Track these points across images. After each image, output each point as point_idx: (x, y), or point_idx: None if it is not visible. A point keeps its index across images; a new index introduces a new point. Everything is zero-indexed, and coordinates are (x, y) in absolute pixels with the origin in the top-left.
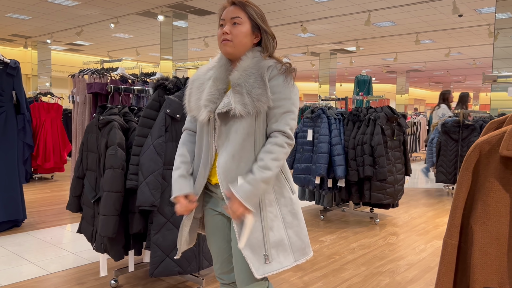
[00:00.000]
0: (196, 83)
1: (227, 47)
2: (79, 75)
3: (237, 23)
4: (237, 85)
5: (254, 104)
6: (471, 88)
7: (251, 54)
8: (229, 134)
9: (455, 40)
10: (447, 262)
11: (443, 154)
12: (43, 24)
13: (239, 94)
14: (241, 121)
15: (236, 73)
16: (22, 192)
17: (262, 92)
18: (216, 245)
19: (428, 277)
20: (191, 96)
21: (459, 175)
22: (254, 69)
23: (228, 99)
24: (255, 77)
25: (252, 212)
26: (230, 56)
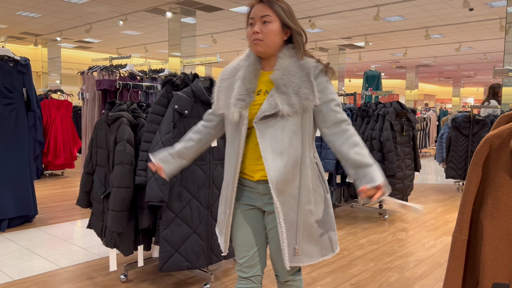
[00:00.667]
0: (226, 82)
1: (258, 47)
2: (88, 72)
3: (267, 22)
4: (282, 85)
5: (301, 103)
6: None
7: (287, 53)
8: (276, 132)
9: (466, 34)
10: (456, 258)
11: (453, 149)
12: (53, 22)
13: (285, 94)
14: (287, 119)
15: (277, 73)
16: (33, 188)
17: (310, 91)
18: (246, 239)
19: (437, 273)
20: (220, 94)
21: (468, 170)
22: (296, 68)
23: (274, 100)
24: (299, 76)
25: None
26: (261, 55)
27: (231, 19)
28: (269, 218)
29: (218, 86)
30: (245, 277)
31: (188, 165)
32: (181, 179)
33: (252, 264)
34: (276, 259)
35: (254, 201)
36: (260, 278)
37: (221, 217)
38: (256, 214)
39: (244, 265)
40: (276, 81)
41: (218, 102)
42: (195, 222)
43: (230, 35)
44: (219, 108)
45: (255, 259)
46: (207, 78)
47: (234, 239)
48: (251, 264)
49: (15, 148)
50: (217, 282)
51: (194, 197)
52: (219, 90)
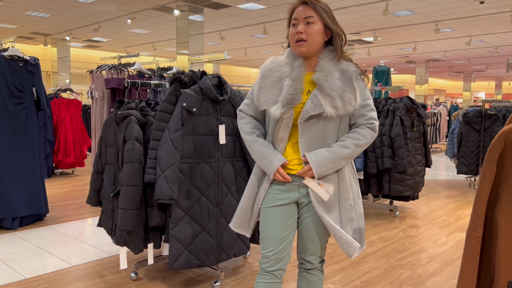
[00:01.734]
0: (268, 79)
1: (302, 48)
2: (97, 71)
3: (310, 23)
4: (327, 88)
5: (345, 107)
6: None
7: (328, 55)
8: (315, 134)
9: (477, 28)
10: (470, 255)
11: (465, 145)
12: (62, 22)
13: (329, 96)
14: (328, 121)
15: (321, 74)
16: (44, 186)
17: (352, 96)
18: (278, 232)
19: (450, 270)
20: (261, 91)
21: (483, 166)
22: (338, 71)
23: (318, 100)
24: (342, 80)
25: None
26: (304, 55)
27: (239, 16)
28: (306, 208)
29: (260, 83)
30: (270, 271)
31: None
32: (190, 177)
33: (280, 257)
34: (308, 245)
35: (291, 194)
36: (283, 273)
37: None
38: (291, 208)
39: (271, 257)
40: (320, 82)
41: (259, 99)
42: (205, 220)
43: (238, 32)
44: (260, 105)
45: (283, 252)
46: (215, 76)
47: (265, 230)
48: (279, 257)
49: (25, 147)
50: (227, 280)
51: (203, 195)
52: (261, 86)
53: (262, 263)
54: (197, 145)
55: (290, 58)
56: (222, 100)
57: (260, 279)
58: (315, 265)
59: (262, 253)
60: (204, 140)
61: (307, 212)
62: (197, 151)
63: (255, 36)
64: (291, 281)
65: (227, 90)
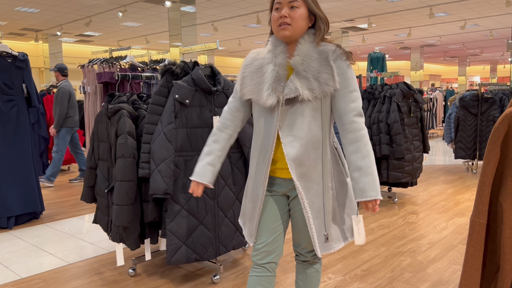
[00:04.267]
0: (251, 68)
1: (285, 31)
2: (89, 65)
3: (294, 7)
4: (302, 70)
5: (322, 88)
6: (488, 61)
7: (308, 38)
8: (295, 118)
9: (471, 11)
10: (475, 243)
11: (462, 129)
12: (52, 17)
13: (305, 79)
14: (307, 104)
15: (297, 58)
16: (39, 184)
17: (329, 76)
18: (268, 223)
19: (450, 255)
20: (245, 80)
21: (486, 150)
22: (315, 53)
23: (293, 84)
24: (319, 61)
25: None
26: (287, 39)
27: (232, 5)
28: (294, 201)
29: (243, 72)
30: (261, 264)
31: None
32: (185, 170)
33: (270, 250)
34: (300, 239)
35: (280, 186)
36: (275, 266)
37: (249, 206)
38: (281, 199)
39: (262, 249)
40: (295, 66)
41: (243, 88)
42: (202, 214)
43: (231, 22)
44: (245, 94)
45: (274, 244)
46: (208, 66)
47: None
48: (269, 250)
49: (18, 145)
50: (226, 273)
51: None
52: (244, 75)
53: (253, 255)
54: (191, 138)
55: (273, 46)
56: (216, 90)
57: (252, 273)
58: (309, 258)
59: (254, 245)
60: (198, 132)
61: (296, 206)
62: (192, 144)
63: (248, 26)
64: (291, 272)
65: (220, 81)
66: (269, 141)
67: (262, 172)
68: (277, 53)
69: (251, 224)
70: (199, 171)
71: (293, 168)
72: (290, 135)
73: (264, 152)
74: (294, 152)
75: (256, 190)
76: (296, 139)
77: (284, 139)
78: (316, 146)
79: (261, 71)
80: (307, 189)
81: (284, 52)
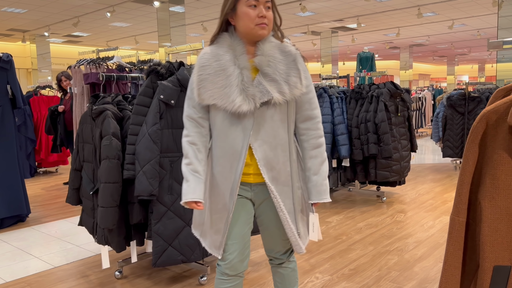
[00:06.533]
0: (209, 70)
1: (265, 31)
2: (76, 66)
3: (269, 7)
4: (271, 73)
5: (292, 92)
6: (476, 60)
7: (268, 38)
8: (265, 121)
9: (458, 11)
10: (455, 241)
11: (449, 128)
12: (39, 17)
13: (274, 82)
14: (275, 108)
15: (262, 58)
16: (25, 187)
17: (297, 80)
18: (241, 229)
19: (437, 254)
20: (204, 83)
21: (465, 149)
22: (279, 53)
23: (263, 87)
24: (285, 63)
25: None
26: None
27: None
28: (263, 207)
29: (199, 74)
30: (232, 276)
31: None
32: (171, 171)
33: (243, 258)
34: (273, 243)
35: (245, 192)
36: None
37: (214, 218)
38: (248, 203)
39: (234, 261)
40: (262, 67)
41: (203, 93)
42: (188, 215)
43: None
44: (206, 99)
45: (245, 251)
46: (193, 66)
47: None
48: (241, 258)
49: (2, 147)
50: (214, 274)
51: None
52: (202, 78)
53: (225, 267)
54: (177, 139)
55: (229, 45)
56: None
57: (223, 285)
58: (283, 259)
59: (221, 257)
60: None
61: (266, 211)
62: (177, 145)
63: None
64: None
65: None
66: (239, 147)
67: (230, 181)
68: (238, 54)
69: (217, 236)
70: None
71: (265, 172)
72: (260, 139)
73: (231, 159)
74: (265, 156)
75: (222, 200)
76: (266, 143)
77: (254, 143)
78: (284, 149)
79: (224, 73)
80: (279, 192)
81: (244, 53)
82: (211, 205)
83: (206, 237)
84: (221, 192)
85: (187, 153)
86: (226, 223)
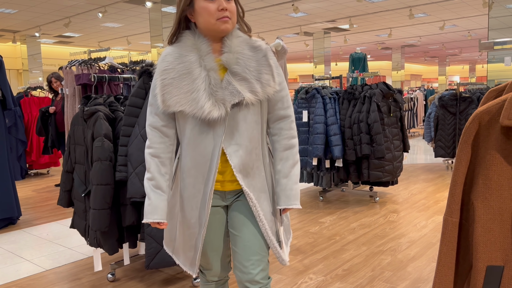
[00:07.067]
0: (173, 73)
1: (228, 25)
2: (67, 67)
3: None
4: (240, 71)
5: (264, 90)
6: (467, 60)
7: (233, 32)
8: (238, 124)
9: (449, 12)
10: (448, 241)
11: (441, 128)
12: (30, 17)
13: (245, 80)
14: (248, 109)
15: (230, 56)
16: (15, 189)
17: (270, 77)
18: (218, 243)
19: (430, 253)
20: (168, 88)
21: (458, 149)
22: (248, 49)
23: (233, 87)
24: (255, 60)
25: None
26: (225, 34)
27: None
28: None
29: (162, 79)
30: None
31: None
32: None
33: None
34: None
35: (217, 201)
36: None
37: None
38: (220, 211)
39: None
40: (230, 65)
41: (167, 99)
42: None
43: None
44: (171, 106)
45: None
46: None
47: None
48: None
49: None
50: None
51: None
52: (165, 83)
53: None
54: None
55: (192, 44)
56: None
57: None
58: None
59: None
60: None
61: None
62: None
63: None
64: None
65: None
66: (210, 155)
67: (202, 193)
68: (203, 54)
69: (190, 253)
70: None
71: (241, 179)
72: (234, 144)
73: (203, 169)
74: (241, 162)
75: (195, 214)
76: (240, 147)
77: (228, 149)
78: (258, 152)
79: (190, 76)
80: (258, 199)
81: (210, 52)
82: (183, 219)
83: (179, 254)
84: (194, 206)
85: (149, 167)
86: (200, 239)
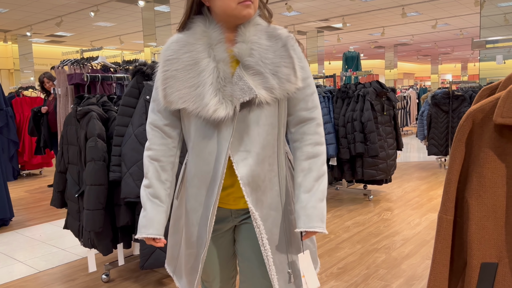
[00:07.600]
0: (177, 64)
1: (250, 9)
2: (59, 67)
3: None
4: (254, 64)
5: (283, 87)
6: (459, 59)
7: (252, 20)
8: (248, 127)
9: (442, 11)
10: (443, 239)
11: (434, 126)
12: (21, 17)
13: (259, 75)
14: (261, 109)
15: (243, 46)
16: (7, 190)
17: (290, 71)
18: (221, 264)
19: (424, 251)
20: (171, 82)
21: (452, 147)
22: (265, 39)
23: (244, 83)
24: (273, 50)
25: None
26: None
27: None
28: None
29: (164, 71)
30: None
31: None
32: None
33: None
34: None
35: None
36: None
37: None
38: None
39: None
40: (243, 58)
41: (169, 94)
42: None
43: None
44: (174, 102)
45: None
46: None
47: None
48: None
49: None
50: None
51: None
52: (168, 76)
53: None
54: None
55: (200, 30)
56: None
57: None
58: None
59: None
60: None
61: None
62: None
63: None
64: None
65: None
66: (213, 163)
67: (204, 207)
68: (214, 43)
69: (192, 277)
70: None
71: (248, 193)
72: (242, 151)
73: (206, 179)
74: (250, 173)
75: (195, 232)
76: (250, 155)
77: (236, 156)
78: (272, 162)
79: (196, 68)
80: (264, 219)
81: (222, 41)
82: (186, 235)
83: (181, 276)
84: (195, 221)
85: (147, 172)
86: (200, 260)
